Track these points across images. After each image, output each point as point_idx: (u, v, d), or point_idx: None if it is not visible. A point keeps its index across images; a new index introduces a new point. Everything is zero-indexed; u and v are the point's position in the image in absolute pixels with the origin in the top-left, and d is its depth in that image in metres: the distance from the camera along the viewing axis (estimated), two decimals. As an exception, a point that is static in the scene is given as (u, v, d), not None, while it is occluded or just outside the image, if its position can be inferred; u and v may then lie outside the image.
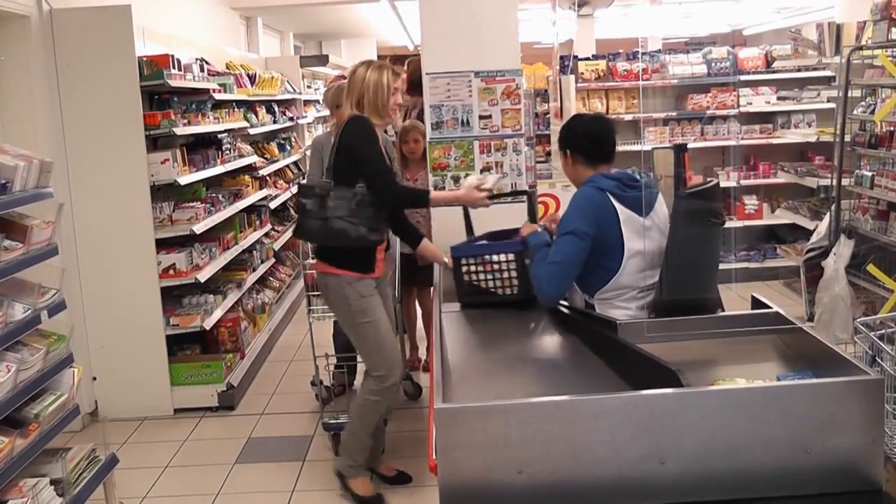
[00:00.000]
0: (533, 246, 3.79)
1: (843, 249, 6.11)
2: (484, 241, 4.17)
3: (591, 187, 3.67)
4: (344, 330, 4.72)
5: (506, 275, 3.81)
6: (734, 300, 7.14)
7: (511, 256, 3.80)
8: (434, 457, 2.36)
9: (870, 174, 6.35)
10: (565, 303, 3.65)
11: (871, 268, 5.81)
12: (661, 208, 3.80)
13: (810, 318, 6.42)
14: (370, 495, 4.70)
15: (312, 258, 5.39)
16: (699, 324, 3.15)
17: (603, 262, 3.62)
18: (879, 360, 3.12)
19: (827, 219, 6.66)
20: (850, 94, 6.45)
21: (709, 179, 4.32)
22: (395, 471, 4.97)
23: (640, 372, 2.65)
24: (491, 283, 3.84)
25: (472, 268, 3.85)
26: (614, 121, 4.05)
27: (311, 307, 5.46)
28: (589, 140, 3.81)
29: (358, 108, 4.46)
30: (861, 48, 6.37)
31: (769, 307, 3.15)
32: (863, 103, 6.73)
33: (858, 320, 3.40)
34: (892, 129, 6.31)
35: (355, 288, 4.42)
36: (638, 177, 3.73)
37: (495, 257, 3.81)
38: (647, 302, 3.67)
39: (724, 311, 3.60)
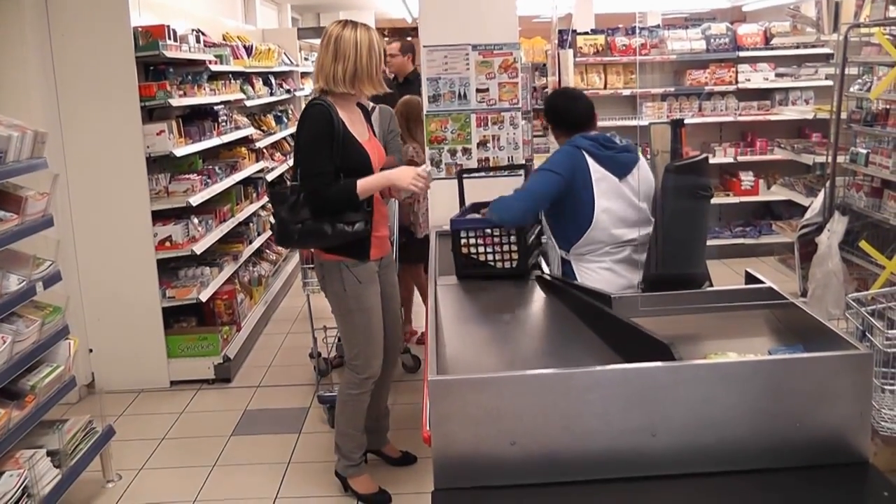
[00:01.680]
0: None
1: (837, 226, 6.12)
2: (476, 215, 4.09)
3: (569, 145, 3.93)
4: (333, 315, 4.42)
5: (505, 248, 3.77)
6: (729, 276, 7.17)
7: (511, 230, 3.77)
8: (428, 428, 2.38)
9: (865, 151, 6.35)
10: (556, 276, 3.71)
11: (863, 244, 5.82)
12: (645, 174, 3.98)
13: (804, 294, 6.44)
14: (373, 492, 4.55)
15: None
16: (693, 298, 3.18)
17: (576, 217, 3.84)
18: (869, 335, 3.15)
19: (821, 195, 6.67)
20: (847, 72, 6.44)
21: (696, 154, 4.41)
22: (399, 452, 4.90)
23: (633, 345, 2.66)
24: (490, 256, 3.80)
25: (471, 241, 3.80)
26: (587, 95, 4.34)
27: (307, 280, 5.46)
28: (559, 114, 4.17)
29: (352, 79, 4.02)
30: (858, 26, 6.35)
31: (762, 282, 3.17)
32: (859, 81, 6.73)
33: (850, 296, 3.43)
34: (888, 106, 6.30)
35: (353, 273, 4.16)
36: (617, 140, 3.95)
37: (495, 230, 3.77)
38: (622, 257, 3.89)
39: (711, 284, 3.66)
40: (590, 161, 3.83)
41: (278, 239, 4.21)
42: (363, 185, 4.03)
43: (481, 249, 3.79)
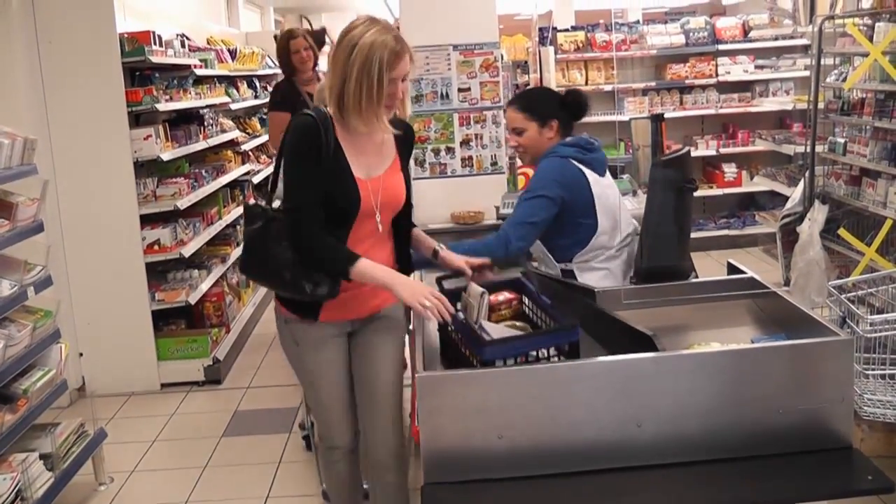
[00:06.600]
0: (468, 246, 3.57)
1: (818, 215, 6.19)
2: (508, 330, 2.89)
3: (554, 157, 3.73)
4: None
5: None
6: (713, 267, 7.22)
7: (561, 350, 2.67)
8: (417, 424, 2.42)
9: (843, 141, 6.43)
10: (544, 269, 3.72)
11: (841, 232, 5.90)
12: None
13: (787, 283, 6.50)
14: None
15: None
16: (676, 290, 3.22)
17: (581, 226, 3.68)
18: (850, 322, 3.20)
19: (801, 185, 6.74)
20: (824, 63, 6.52)
21: (679, 147, 4.39)
22: None
23: (617, 337, 2.71)
24: None
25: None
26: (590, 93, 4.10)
27: None
28: (579, 108, 3.82)
29: (337, 101, 2.97)
30: (833, 17, 6.43)
31: (744, 272, 3.22)
32: (835, 71, 6.80)
33: (830, 283, 3.49)
34: (863, 95, 6.38)
35: (291, 330, 3.28)
36: (593, 140, 3.81)
37: (541, 351, 2.65)
38: (622, 261, 3.76)
39: (697, 276, 3.68)
40: (580, 167, 3.66)
41: (240, 264, 3.37)
42: (362, 268, 2.97)
43: None
